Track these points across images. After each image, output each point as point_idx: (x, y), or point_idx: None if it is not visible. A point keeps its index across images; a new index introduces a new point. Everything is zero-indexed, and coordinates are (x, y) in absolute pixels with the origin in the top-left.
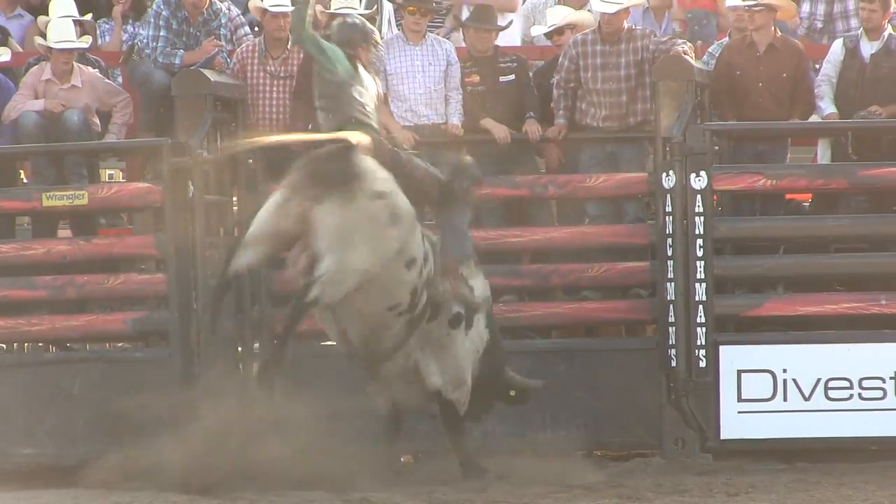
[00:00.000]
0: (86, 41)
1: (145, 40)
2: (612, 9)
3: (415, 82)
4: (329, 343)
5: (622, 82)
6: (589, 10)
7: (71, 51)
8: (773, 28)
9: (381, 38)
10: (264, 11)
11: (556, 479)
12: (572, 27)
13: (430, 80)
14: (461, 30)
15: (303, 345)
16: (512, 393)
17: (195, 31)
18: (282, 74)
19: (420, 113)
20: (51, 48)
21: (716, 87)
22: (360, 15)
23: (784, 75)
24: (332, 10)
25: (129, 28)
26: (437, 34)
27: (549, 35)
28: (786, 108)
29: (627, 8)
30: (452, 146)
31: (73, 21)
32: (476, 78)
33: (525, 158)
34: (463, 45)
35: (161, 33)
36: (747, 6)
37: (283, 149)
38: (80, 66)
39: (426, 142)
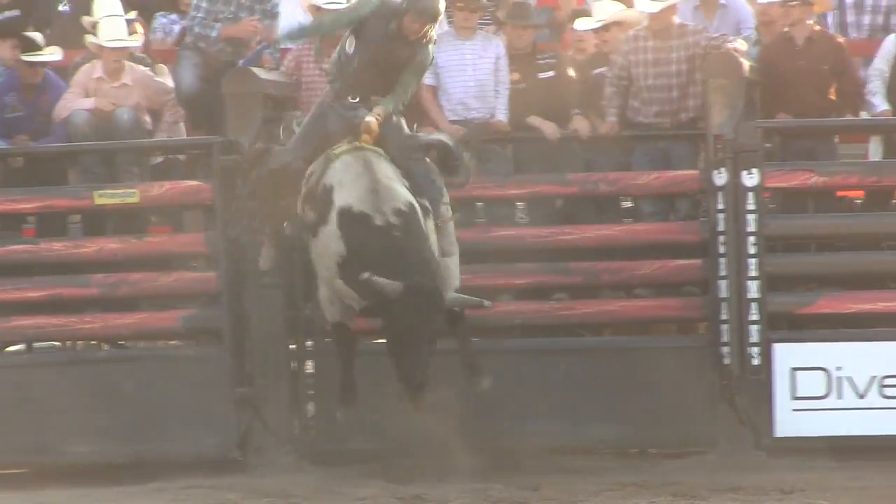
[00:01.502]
0: (137, 39)
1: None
2: (654, 7)
3: (465, 76)
4: None
5: (673, 78)
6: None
7: (122, 49)
8: (810, 22)
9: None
10: (318, 8)
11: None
12: (619, 24)
13: (480, 74)
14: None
15: None
16: None
17: (250, 4)
18: None
19: (470, 107)
20: (102, 46)
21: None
22: None
23: (825, 68)
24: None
25: (162, 20)
26: (487, 31)
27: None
28: (831, 101)
29: (674, 5)
30: (500, 143)
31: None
32: (516, 75)
33: (573, 155)
34: None
35: (203, 4)
36: (782, 2)
37: None
38: (131, 64)
39: (473, 138)
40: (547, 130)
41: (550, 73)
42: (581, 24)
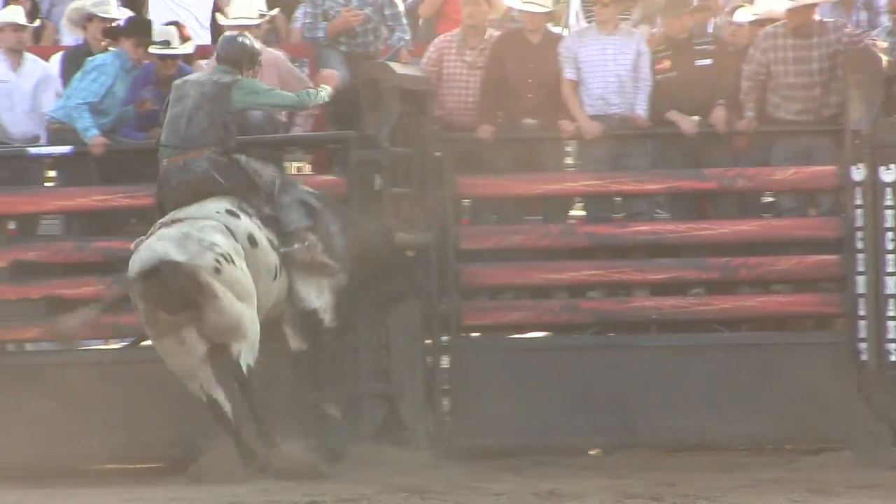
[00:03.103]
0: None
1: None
2: (791, 4)
3: (606, 71)
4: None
5: (815, 75)
6: None
7: (248, 28)
8: None
9: (570, 30)
10: None
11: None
12: (774, 19)
13: (621, 70)
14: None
15: None
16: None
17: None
18: (479, 65)
19: (611, 102)
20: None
21: None
22: (547, 7)
23: None
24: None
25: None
26: (626, 25)
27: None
28: None
29: (812, 5)
30: (639, 138)
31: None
32: (667, 63)
33: (715, 149)
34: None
35: (308, 9)
36: None
37: (472, 141)
38: (263, 46)
39: (613, 133)
40: (684, 126)
41: (708, 61)
42: (739, 16)
